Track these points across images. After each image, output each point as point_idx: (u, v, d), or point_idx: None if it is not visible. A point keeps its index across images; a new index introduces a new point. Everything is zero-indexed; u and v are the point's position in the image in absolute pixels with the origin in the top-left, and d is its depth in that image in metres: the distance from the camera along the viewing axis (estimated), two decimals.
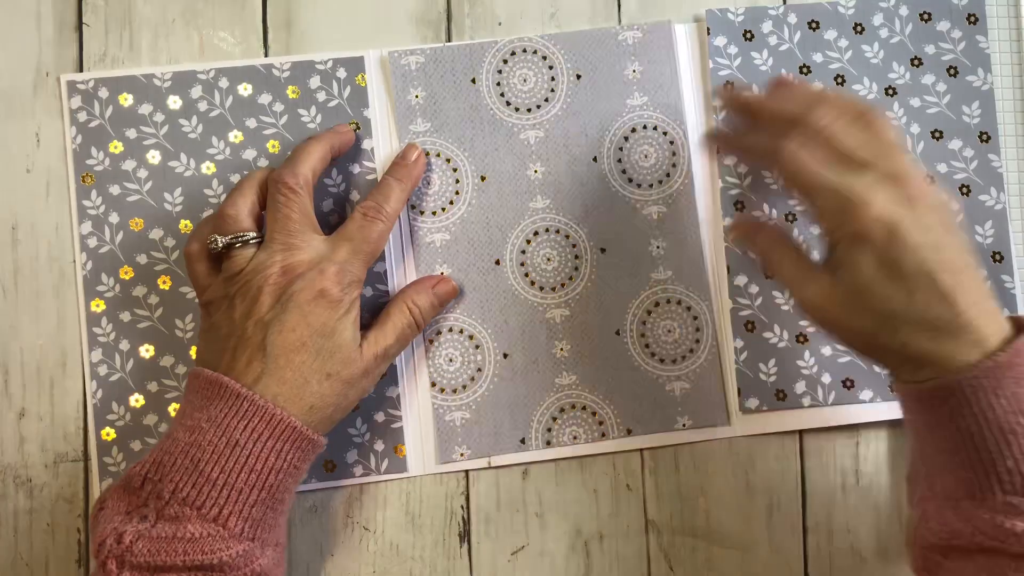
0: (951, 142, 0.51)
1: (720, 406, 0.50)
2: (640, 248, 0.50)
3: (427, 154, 0.50)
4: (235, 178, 0.49)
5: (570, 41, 0.51)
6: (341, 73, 0.50)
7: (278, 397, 0.41)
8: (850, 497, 0.50)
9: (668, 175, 0.51)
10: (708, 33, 0.52)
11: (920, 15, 0.52)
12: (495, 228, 0.50)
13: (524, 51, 0.51)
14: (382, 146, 0.50)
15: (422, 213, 0.50)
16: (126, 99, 0.49)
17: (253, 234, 0.44)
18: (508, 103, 0.51)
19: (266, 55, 0.51)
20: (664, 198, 0.51)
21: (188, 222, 0.49)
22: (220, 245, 0.44)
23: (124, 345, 0.48)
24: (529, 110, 0.51)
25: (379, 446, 0.49)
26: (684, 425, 0.49)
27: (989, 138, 0.51)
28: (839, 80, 0.52)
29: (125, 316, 0.48)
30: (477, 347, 0.49)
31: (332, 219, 0.50)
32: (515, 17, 0.52)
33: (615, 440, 0.49)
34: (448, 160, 0.50)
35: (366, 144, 0.50)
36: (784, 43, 0.52)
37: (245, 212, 0.44)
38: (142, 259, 0.49)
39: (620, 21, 0.52)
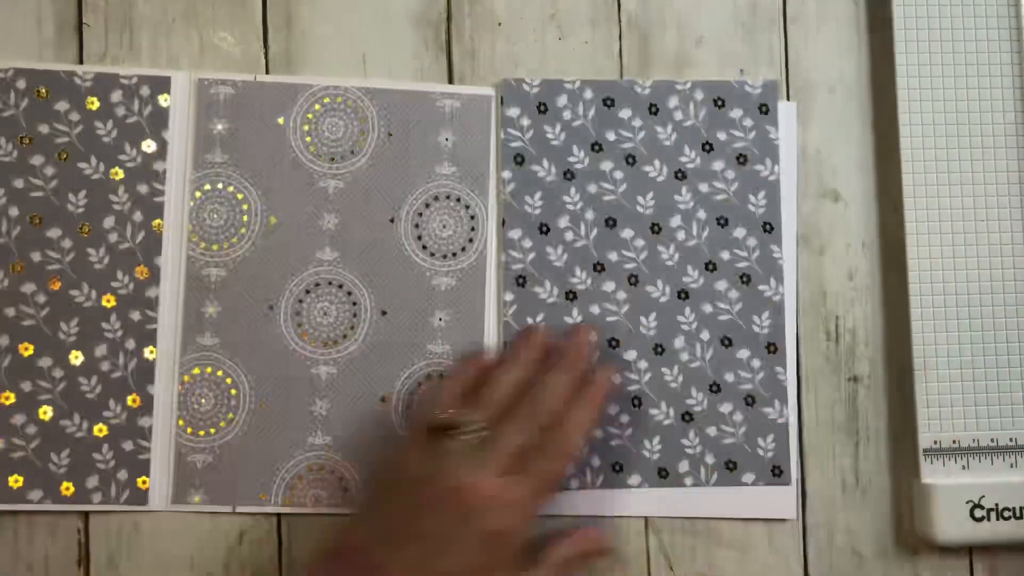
0: (736, 230, 0.50)
1: None
2: (422, 318, 0.49)
3: (219, 188, 0.49)
4: (18, 183, 0.48)
5: (387, 98, 0.50)
6: (144, 91, 0.49)
7: None
8: (850, 497, 0.50)
9: (464, 249, 0.50)
10: (501, 103, 0.50)
11: (714, 100, 0.51)
12: (275, 273, 0.49)
13: (338, 100, 0.50)
14: (175, 170, 0.49)
15: (201, 243, 0.49)
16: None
17: (482, 425, 0.43)
18: (312, 148, 0.50)
19: (266, 55, 0.50)
20: (456, 271, 0.50)
21: None
22: (463, 423, 0.43)
23: (4, 340, 0.48)
24: (333, 159, 0.50)
25: (122, 475, 0.48)
26: None
27: (772, 229, 0.51)
28: (630, 160, 0.51)
29: (10, 311, 0.48)
30: (234, 391, 0.48)
31: (111, 237, 0.48)
32: (515, 17, 0.51)
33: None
34: (240, 196, 0.49)
35: (158, 166, 0.49)
36: (578, 119, 0.51)
37: (500, 406, 0.44)
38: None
39: (620, 21, 0.52)
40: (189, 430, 0.48)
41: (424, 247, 0.50)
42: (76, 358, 0.48)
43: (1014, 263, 0.50)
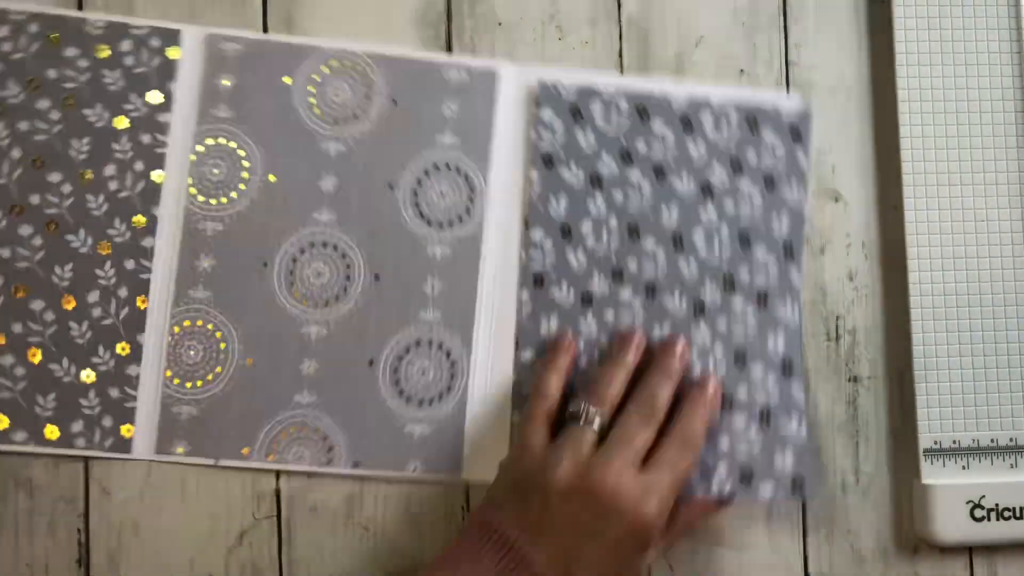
0: (757, 250, 0.51)
1: (456, 458, 0.49)
2: (415, 284, 0.50)
3: (221, 143, 0.49)
4: (23, 126, 0.48)
5: (394, 66, 0.51)
6: (154, 42, 0.50)
7: None
8: (850, 497, 0.50)
9: (460, 219, 0.50)
10: (536, 105, 0.51)
11: (748, 121, 0.51)
12: (272, 230, 0.49)
13: (346, 64, 0.50)
14: (179, 123, 0.49)
15: (200, 197, 0.49)
16: None
17: (605, 417, 0.45)
18: (316, 110, 0.50)
19: None
20: (451, 241, 0.50)
21: None
22: (580, 408, 0.45)
23: None
24: (336, 122, 0.50)
25: (107, 422, 0.48)
26: (415, 469, 0.49)
27: (792, 253, 0.51)
28: (658, 172, 0.51)
29: (6, 253, 0.48)
30: (223, 345, 0.48)
31: (111, 185, 0.49)
32: (515, 18, 0.52)
33: (338, 469, 0.48)
34: (242, 152, 0.49)
35: (163, 117, 0.49)
36: (611, 127, 0.51)
37: (609, 403, 0.46)
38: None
39: (620, 21, 0.52)
40: (176, 381, 0.48)
41: (421, 215, 0.50)
42: (68, 303, 0.48)
43: (1014, 263, 0.51)
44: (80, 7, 0.50)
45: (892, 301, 0.52)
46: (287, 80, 0.50)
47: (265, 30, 0.51)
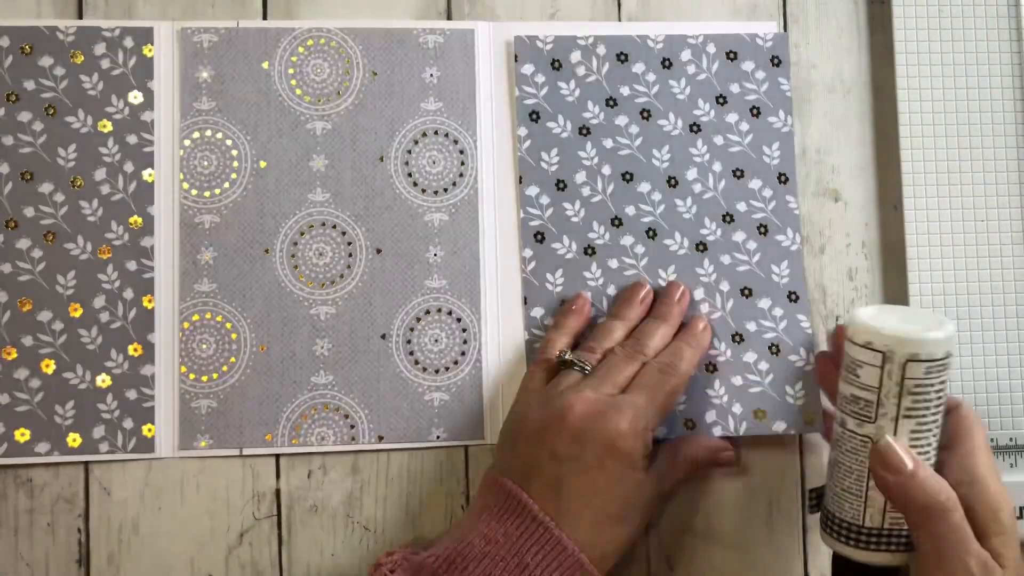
0: (751, 181, 0.51)
1: (477, 422, 0.49)
2: (418, 254, 0.50)
3: (207, 135, 0.49)
4: (8, 140, 0.48)
5: (371, 38, 0.50)
6: (128, 42, 0.49)
7: (576, 542, 0.42)
8: None
9: (454, 184, 0.50)
10: (516, 60, 0.51)
11: (726, 54, 0.51)
12: (269, 216, 0.49)
13: (322, 41, 0.50)
14: (163, 120, 0.49)
15: (193, 191, 0.49)
16: None
17: (594, 362, 0.46)
18: (298, 91, 0.50)
19: None
20: (448, 207, 0.50)
21: None
22: (567, 356, 0.46)
23: (2, 296, 0.48)
24: (319, 101, 0.50)
25: (128, 424, 0.48)
26: (438, 437, 0.49)
27: (787, 179, 0.51)
28: (645, 114, 0.51)
29: (6, 268, 0.48)
30: (234, 335, 0.49)
31: (103, 188, 0.49)
32: (515, 16, 0.52)
33: (364, 445, 0.49)
34: (229, 142, 0.49)
35: (146, 116, 0.49)
36: (592, 74, 0.51)
37: (601, 351, 0.47)
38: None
39: (620, 21, 0.52)
40: (192, 376, 0.48)
41: (415, 184, 0.50)
42: (75, 311, 0.48)
43: (1014, 263, 0.50)
44: (80, 10, 0.50)
45: (892, 301, 0.52)
46: (265, 65, 0.50)
47: None
